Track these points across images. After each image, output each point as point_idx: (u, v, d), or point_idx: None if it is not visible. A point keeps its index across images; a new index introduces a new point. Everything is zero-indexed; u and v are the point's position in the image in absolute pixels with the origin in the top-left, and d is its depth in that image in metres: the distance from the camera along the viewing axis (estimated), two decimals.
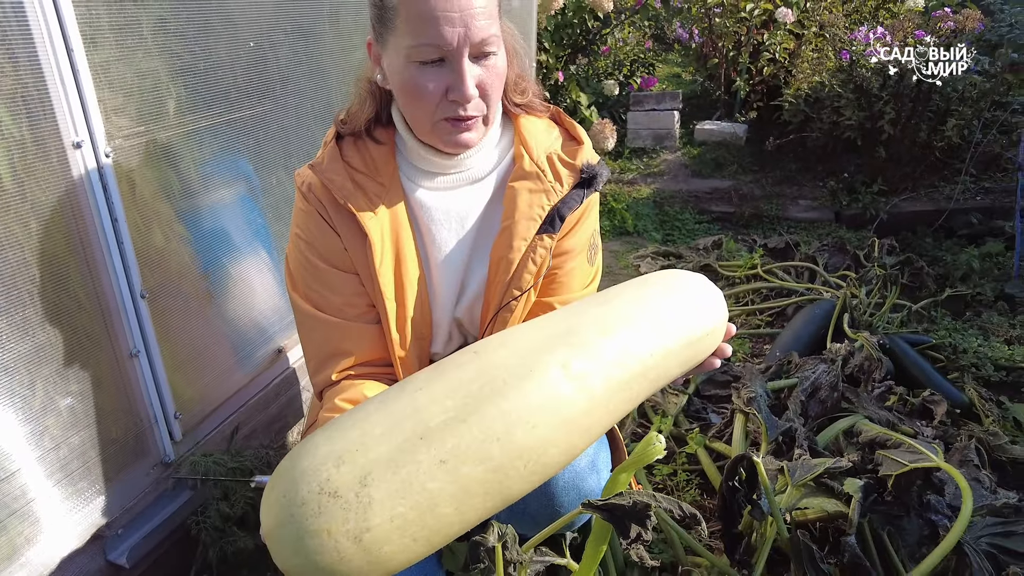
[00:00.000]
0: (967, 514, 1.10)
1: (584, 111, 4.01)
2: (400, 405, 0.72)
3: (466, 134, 0.97)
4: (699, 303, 0.92)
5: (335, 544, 0.63)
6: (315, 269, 1.04)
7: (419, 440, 0.68)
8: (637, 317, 0.84)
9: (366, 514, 0.64)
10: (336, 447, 0.68)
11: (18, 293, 1.02)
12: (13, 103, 0.97)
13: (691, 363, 0.91)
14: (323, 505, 0.64)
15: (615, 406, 0.79)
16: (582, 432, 0.76)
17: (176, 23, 1.22)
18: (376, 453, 0.67)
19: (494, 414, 0.71)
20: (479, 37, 0.89)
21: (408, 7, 0.89)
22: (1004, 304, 2.62)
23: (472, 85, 0.92)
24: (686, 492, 1.63)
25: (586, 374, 0.77)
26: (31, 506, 1.09)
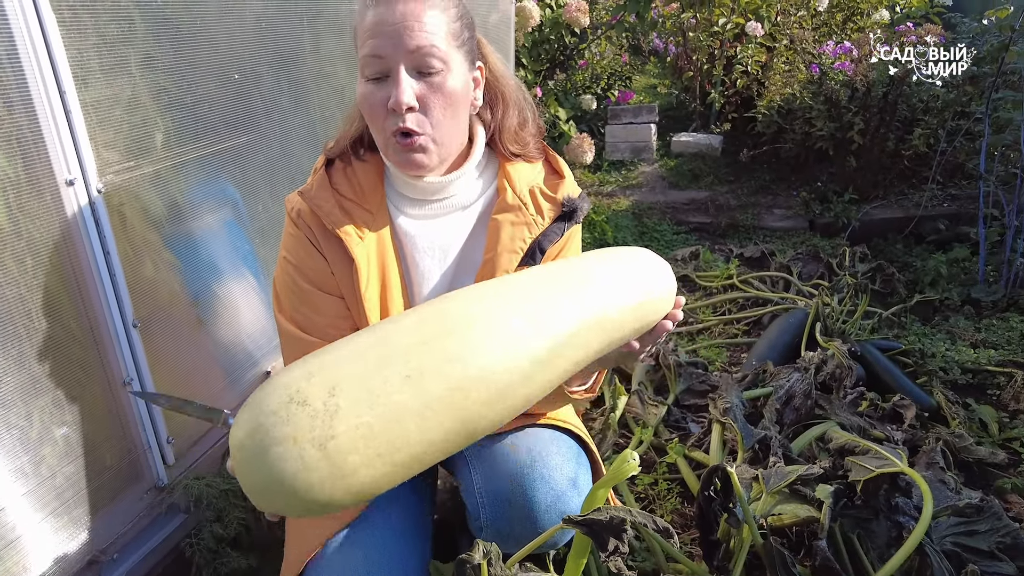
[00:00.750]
0: (927, 516, 1.17)
1: (563, 125, 4.08)
2: (370, 337, 0.76)
3: (416, 155, 1.00)
4: (647, 269, 0.99)
5: (300, 451, 0.64)
6: (302, 292, 1.08)
7: (386, 359, 0.72)
8: (592, 275, 0.91)
9: (332, 421, 0.65)
10: (308, 366, 0.71)
11: (15, 327, 1.05)
12: (9, 145, 1.00)
13: (643, 320, 0.95)
14: (291, 413, 0.65)
15: (568, 348, 0.83)
16: (541, 364, 0.79)
17: (163, 59, 1.26)
18: (346, 369, 0.70)
19: (457, 341, 0.75)
20: (413, 46, 0.93)
21: (361, 23, 0.97)
22: (970, 308, 2.71)
23: (407, 93, 0.94)
24: (667, 501, 1.68)
25: (543, 317, 0.82)
26: (29, 534, 1.11)
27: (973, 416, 2.01)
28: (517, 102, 1.12)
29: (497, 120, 1.12)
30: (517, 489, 1.06)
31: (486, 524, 1.08)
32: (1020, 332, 2.42)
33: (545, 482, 1.06)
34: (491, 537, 1.07)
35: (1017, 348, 2.34)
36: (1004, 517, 1.39)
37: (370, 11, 0.95)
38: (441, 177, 1.08)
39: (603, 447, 1.81)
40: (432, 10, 0.95)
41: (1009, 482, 1.73)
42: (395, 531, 1.08)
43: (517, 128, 1.12)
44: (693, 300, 2.86)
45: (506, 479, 1.07)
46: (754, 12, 4.30)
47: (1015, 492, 1.71)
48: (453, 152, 1.06)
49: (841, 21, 4.54)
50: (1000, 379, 2.17)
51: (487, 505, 1.08)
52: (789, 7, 4.30)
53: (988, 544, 1.35)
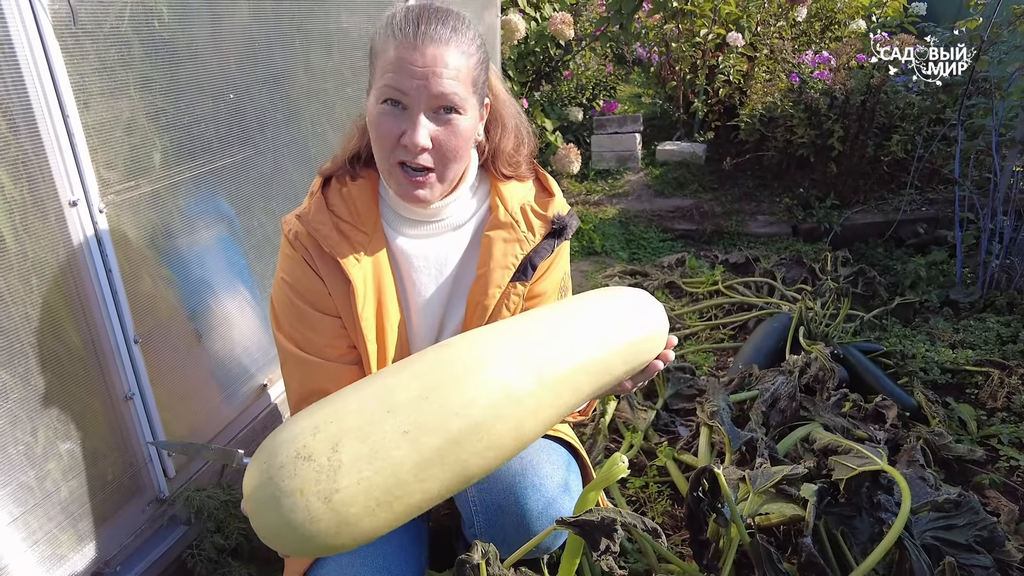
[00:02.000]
0: (906, 512, 1.21)
1: (549, 136, 4.14)
2: (370, 388, 0.81)
3: (420, 190, 1.04)
4: (639, 311, 1.03)
5: (307, 503, 0.70)
6: (299, 311, 1.11)
7: (386, 413, 0.76)
8: (584, 319, 0.95)
9: (336, 476, 0.71)
10: (313, 420, 0.76)
11: (20, 345, 1.08)
12: (15, 168, 1.03)
13: (633, 362, 0.99)
14: (298, 468, 0.71)
15: (560, 394, 0.88)
16: (531, 413, 0.84)
17: (161, 81, 1.30)
18: (348, 423, 0.75)
19: (453, 394, 0.79)
20: (437, 91, 0.97)
21: (385, 51, 0.99)
22: (949, 309, 2.78)
23: (423, 135, 0.98)
24: (658, 503, 1.72)
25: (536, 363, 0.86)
26: (35, 548, 1.14)
27: (953, 415, 2.07)
28: (515, 127, 1.15)
29: (494, 144, 1.16)
30: (510, 497, 1.10)
31: (480, 531, 1.12)
32: (996, 332, 2.49)
33: (536, 490, 1.10)
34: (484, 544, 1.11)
35: (994, 348, 2.41)
36: (981, 511, 1.44)
37: (397, 45, 0.97)
38: (438, 200, 1.11)
39: (594, 452, 1.85)
40: (458, 57, 0.98)
41: (987, 478, 1.79)
42: (393, 540, 1.11)
43: (512, 151, 1.16)
44: (680, 306, 2.92)
45: (499, 488, 1.11)
46: (735, 23, 4.39)
47: (993, 487, 1.77)
48: (452, 185, 1.10)
49: (820, 30, 4.64)
50: (978, 378, 2.23)
51: (480, 512, 1.11)
52: (769, 17, 4.40)
53: (966, 537, 1.40)
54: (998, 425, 2.00)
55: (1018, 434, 1.94)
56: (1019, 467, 1.83)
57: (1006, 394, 2.11)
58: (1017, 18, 2.80)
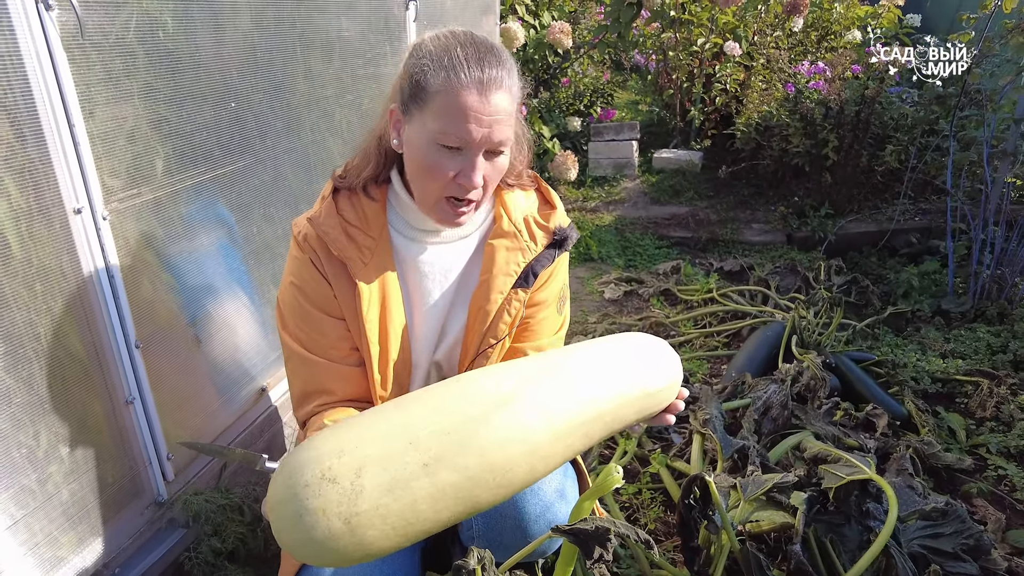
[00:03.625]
0: (892, 520, 1.24)
1: (547, 143, 4.17)
2: (396, 416, 0.85)
3: (462, 217, 1.08)
4: (658, 363, 1.05)
5: (328, 523, 0.74)
6: (305, 313, 1.14)
7: (408, 445, 0.80)
8: (602, 369, 0.97)
9: (357, 500, 0.75)
10: (339, 442, 0.80)
11: (24, 350, 1.09)
12: (21, 176, 1.05)
13: (645, 412, 1.02)
14: (323, 488, 0.75)
15: (573, 441, 0.92)
16: (542, 458, 0.88)
17: (164, 90, 1.32)
18: (372, 450, 0.79)
19: (474, 433, 0.83)
20: (497, 139, 1.00)
21: (448, 97, 0.97)
22: (940, 319, 2.81)
23: (480, 176, 1.02)
24: (650, 509, 1.74)
25: (552, 412, 0.89)
26: (35, 551, 1.15)
27: (942, 424, 2.10)
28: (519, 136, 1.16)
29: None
30: (508, 501, 1.12)
31: (478, 534, 1.14)
32: (987, 342, 2.52)
33: (534, 494, 1.12)
34: (483, 546, 1.13)
35: (984, 358, 2.43)
36: (968, 520, 1.47)
37: (463, 91, 0.96)
38: None
39: (589, 458, 1.87)
40: (510, 101, 1.01)
41: (975, 486, 1.81)
42: None
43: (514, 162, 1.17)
44: (675, 313, 2.94)
45: None
46: (732, 32, 4.43)
47: (980, 496, 1.79)
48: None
49: (816, 41, 4.68)
50: (968, 388, 2.26)
51: (479, 517, 1.14)
52: (765, 27, 4.44)
53: (953, 546, 1.43)
54: (987, 434, 2.02)
55: (1006, 443, 1.97)
56: (1007, 476, 1.85)
57: (995, 404, 2.14)
58: (1009, 32, 2.83)
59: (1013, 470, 1.87)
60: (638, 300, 3.12)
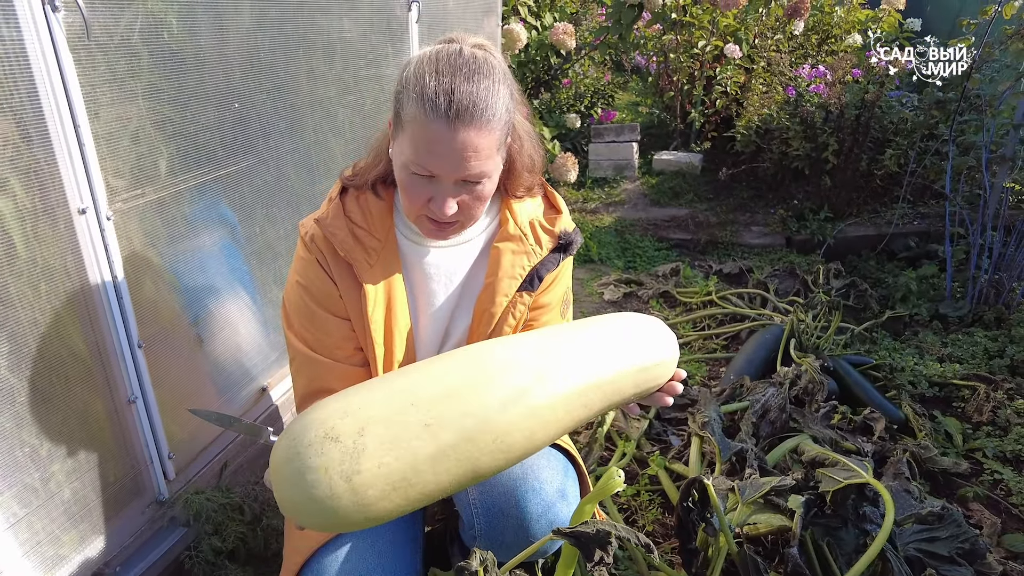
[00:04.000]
0: (889, 524, 1.25)
1: (547, 144, 4.17)
2: (399, 381, 0.87)
3: (446, 233, 1.08)
4: (653, 338, 1.06)
5: (329, 480, 0.74)
6: (311, 313, 1.15)
7: (410, 406, 0.81)
8: (601, 341, 0.99)
9: (359, 459, 0.76)
10: (343, 404, 0.81)
11: (28, 349, 1.10)
12: (27, 177, 1.06)
13: (643, 387, 1.03)
14: (325, 447, 0.75)
15: (572, 408, 0.93)
16: (542, 424, 0.89)
17: (168, 91, 1.33)
18: (375, 411, 0.80)
19: (473, 396, 0.85)
20: (465, 174, 0.98)
21: (416, 129, 0.96)
22: (938, 323, 2.82)
23: (451, 205, 1.00)
24: (649, 511, 1.75)
25: (552, 378, 0.91)
26: (38, 549, 1.16)
27: (939, 428, 2.11)
28: (527, 149, 1.14)
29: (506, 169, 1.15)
30: (510, 500, 1.13)
31: (480, 533, 1.15)
32: (984, 347, 2.53)
33: (536, 493, 1.13)
34: (484, 545, 1.14)
35: (981, 362, 2.45)
36: (964, 524, 1.48)
37: (428, 125, 0.94)
38: None
39: (589, 460, 1.88)
40: (488, 136, 0.96)
41: (971, 490, 1.82)
42: (389, 539, 1.15)
43: (525, 172, 1.16)
44: (674, 316, 2.95)
45: (500, 491, 1.14)
46: (732, 35, 4.44)
47: (976, 500, 1.80)
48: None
49: (816, 44, 4.70)
50: (965, 392, 2.27)
51: (481, 515, 1.15)
52: (766, 30, 4.45)
53: (948, 550, 1.44)
54: (983, 439, 2.03)
55: (1002, 448, 1.98)
56: (1003, 480, 1.86)
57: (992, 408, 2.15)
58: (1008, 38, 2.85)
59: (1009, 474, 1.88)
60: (637, 302, 3.13)
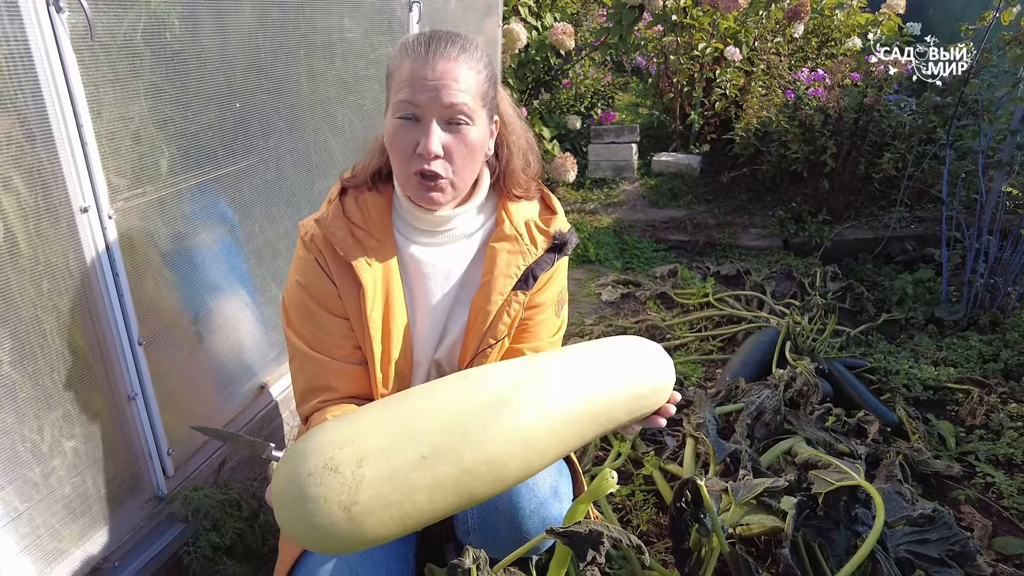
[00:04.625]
0: (879, 526, 1.26)
1: (547, 144, 4.18)
2: (397, 411, 0.88)
3: (433, 193, 1.10)
4: (651, 365, 1.07)
5: (328, 510, 0.77)
6: (310, 312, 1.17)
7: (408, 439, 0.83)
8: (596, 369, 1.00)
9: (357, 490, 0.78)
10: (342, 434, 0.83)
11: (31, 346, 1.11)
12: (30, 176, 1.07)
13: (637, 413, 1.05)
14: (324, 477, 0.78)
15: (567, 437, 0.94)
16: (538, 454, 0.91)
17: (170, 91, 1.34)
18: (373, 443, 0.82)
19: (471, 428, 0.86)
20: (448, 102, 1.04)
21: (399, 70, 1.06)
22: (934, 327, 2.84)
23: (436, 143, 1.05)
24: (643, 511, 1.77)
25: (547, 408, 0.92)
26: (38, 543, 1.17)
27: (932, 431, 2.12)
28: (522, 147, 1.22)
29: (503, 166, 1.22)
30: (503, 496, 1.14)
31: (473, 528, 1.16)
32: (978, 351, 2.54)
33: (529, 490, 1.15)
34: (477, 541, 1.15)
35: (975, 366, 2.46)
36: (954, 526, 1.49)
37: (409, 63, 1.04)
38: (450, 211, 1.17)
39: (584, 459, 1.89)
40: (467, 71, 1.05)
41: (963, 493, 1.84)
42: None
43: (520, 172, 1.22)
44: (671, 317, 2.97)
45: None
46: (733, 37, 4.45)
47: (968, 503, 1.82)
48: (464, 192, 1.16)
49: (816, 47, 4.71)
50: (959, 396, 2.29)
51: (475, 511, 1.16)
52: (767, 33, 4.46)
53: (939, 551, 1.46)
54: (976, 442, 2.05)
55: (994, 451, 2.00)
56: (994, 484, 1.88)
57: (985, 412, 2.17)
58: (1007, 44, 2.86)
59: (1001, 478, 1.90)
60: (635, 303, 3.15)
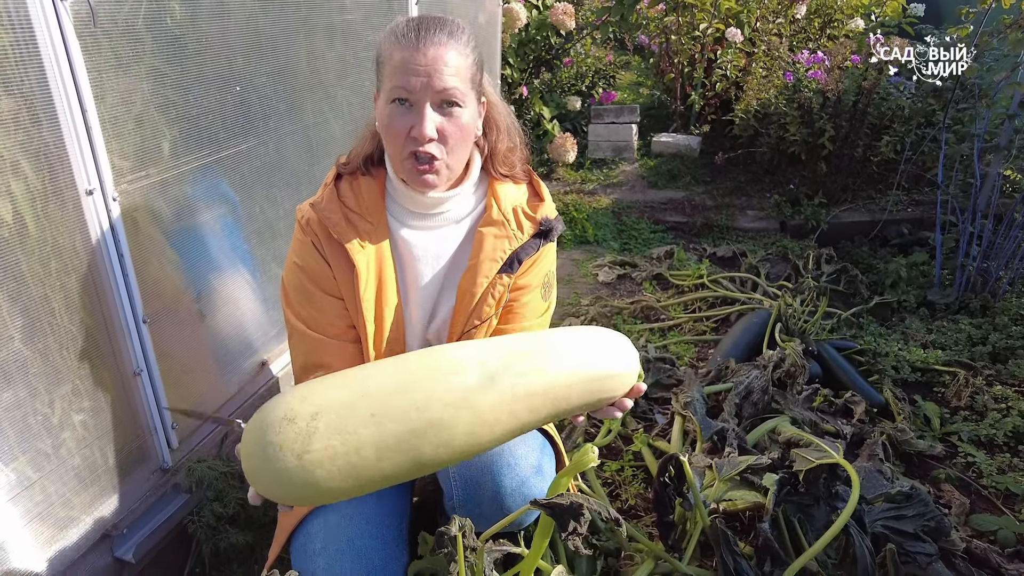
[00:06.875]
0: (854, 502, 1.32)
1: (547, 124, 4.20)
2: (357, 375, 0.94)
3: (427, 175, 1.14)
4: (610, 352, 1.08)
5: (283, 456, 0.83)
6: (307, 292, 1.22)
7: (363, 398, 0.89)
8: (555, 348, 1.03)
9: (310, 440, 0.84)
10: (304, 392, 0.90)
11: (40, 324, 1.16)
12: (37, 160, 1.11)
13: (592, 397, 1.05)
14: (283, 427, 0.85)
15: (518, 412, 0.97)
16: (486, 424, 0.94)
17: (172, 75, 1.37)
18: (330, 399, 0.89)
19: (419, 391, 0.91)
20: (440, 87, 1.08)
21: (391, 57, 1.10)
22: (925, 310, 2.88)
23: (430, 126, 1.09)
24: (631, 486, 1.82)
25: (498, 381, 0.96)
26: (50, 510, 1.23)
27: (918, 412, 2.17)
28: (508, 129, 1.27)
29: (491, 144, 1.27)
30: (486, 474, 1.20)
31: (458, 504, 1.22)
32: (968, 334, 2.58)
33: (511, 469, 1.20)
34: (463, 516, 1.20)
35: (964, 349, 2.50)
36: (930, 503, 1.55)
37: (400, 49, 1.08)
38: (442, 193, 1.21)
39: (575, 435, 1.95)
40: (456, 56, 1.09)
41: (944, 472, 1.89)
42: (377, 507, 1.21)
43: (507, 152, 1.27)
44: (666, 298, 3.01)
45: (477, 466, 1.21)
46: (735, 17, 4.43)
47: (948, 481, 1.87)
48: (457, 174, 1.21)
49: (819, 28, 4.69)
50: (946, 378, 2.34)
51: (459, 487, 1.21)
52: (768, 14, 4.44)
53: (914, 527, 1.51)
54: (960, 423, 2.10)
55: (977, 432, 2.05)
56: (975, 463, 1.93)
57: (970, 394, 2.22)
58: (1007, 28, 2.86)
59: (982, 458, 1.95)
60: (631, 284, 3.18)
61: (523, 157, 1.30)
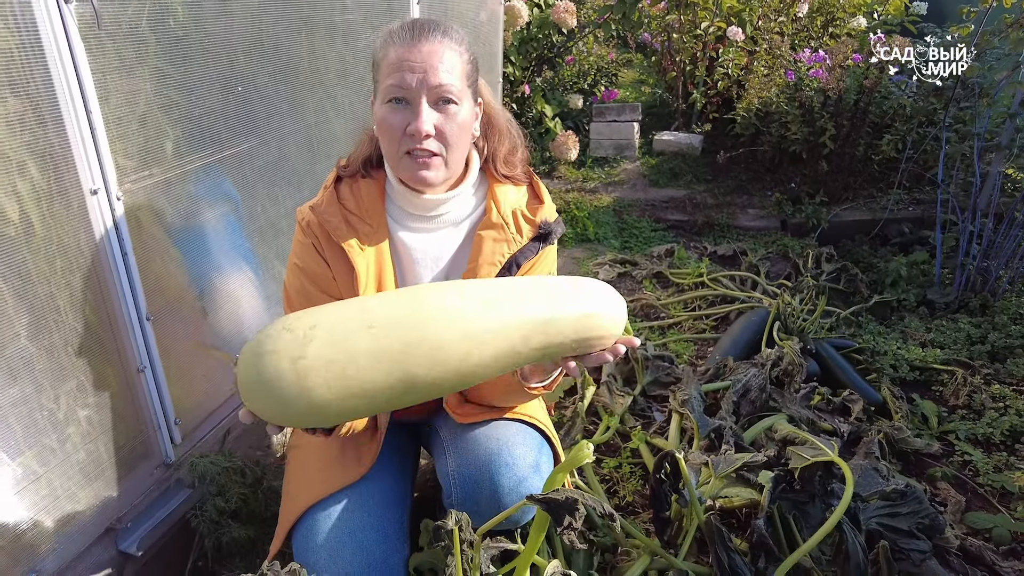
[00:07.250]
0: (847, 499, 1.33)
1: (549, 122, 4.21)
2: (354, 300, 0.98)
3: (424, 171, 1.16)
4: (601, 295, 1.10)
5: (278, 361, 0.85)
6: (307, 292, 1.23)
7: (360, 313, 0.93)
8: (548, 285, 1.06)
9: (305, 347, 0.87)
10: (304, 311, 0.93)
11: (46, 321, 1.18)
12: (43, 160, 1.13)
13: (583, 334, 1.05)
14: (281, 335, 0.87)
15: (511, 335, 0.99)
16: (478, 345, 0.96)
17: (175, 76, 1.39)
18: (330, 315, 0.92)
19: (418, 312, 0.94)
20: (435, 83, 1.10)
21: (386, 57, 1.12)
22: (925, 309, 2.89)
23: (427, 122, 1.11)
24: (629, 482, 1.84)
25: (493, 308, 0.99)
26: (56, 503, 1.26)
27: (916, 410, 2.18)
28: (508, 132, 1.29)
29: (492, 147, 1.29)
30: (484, 472, 1.21)
31: (457, 502, 1.23)
32: (967, 333, 2.59)
33: (509, 467, 1.21)
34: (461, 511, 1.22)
35: (962, 348, 2.51)
36: (925, 501, 1.56)
37: (395, 48, 1.11)
38: (441, 194, 1.23)
39: (573, 432, 1.96)
40: (451, 52, 1.12)
41: (940, 471, 1.91)
42: (379, 499, 1.23)
43: (507, 154, 1.29)
44: (666, 296, 3.02)
45: (476, 464, 1.23)
46: (736, 16, 4.43)
47: (944, 480, 1.89)
48: (455, 173, 1.22)
49: (820, 26, 4.69)
50: (944, 377, 2.35)
51: (458, 485, 1.23)
52: (770, 12, 4.44)
53: (909, 524, 1.53)
54: (957, 422, 2.11)
55: (974, 430, 2.06)
56: (971, 462, 1.95)
57: (968, 392, 2.23)
58: (1008, 27, 2.86)
59: (978, 456, 1.96)
60: (631, 282, 3.20)
61: (524, 158, 1.32)
